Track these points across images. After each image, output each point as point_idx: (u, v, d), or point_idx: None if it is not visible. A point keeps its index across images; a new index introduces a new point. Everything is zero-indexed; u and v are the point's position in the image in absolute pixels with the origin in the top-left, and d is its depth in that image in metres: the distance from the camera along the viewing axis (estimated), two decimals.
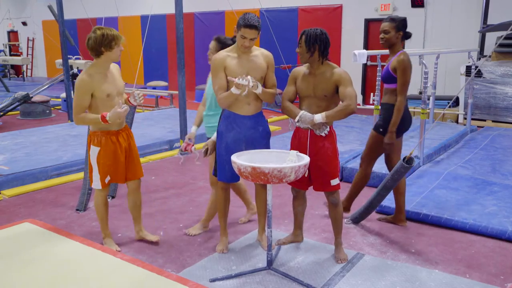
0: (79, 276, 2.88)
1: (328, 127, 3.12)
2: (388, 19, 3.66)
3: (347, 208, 4.06)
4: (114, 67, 3.36)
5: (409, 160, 3.32)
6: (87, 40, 3.16)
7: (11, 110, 9.00)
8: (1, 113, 8.51)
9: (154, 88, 11.93)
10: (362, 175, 3.96)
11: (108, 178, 3.34)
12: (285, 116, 9.04)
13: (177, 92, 9.52)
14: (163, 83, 12.34)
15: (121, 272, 2.93)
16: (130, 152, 3.44)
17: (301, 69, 3.22)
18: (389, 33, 3.62)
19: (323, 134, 3.11)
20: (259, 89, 3.10)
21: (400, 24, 3.63)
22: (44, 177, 5.09)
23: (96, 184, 3.35)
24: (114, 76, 3.31)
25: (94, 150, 3.29)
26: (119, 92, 3.31)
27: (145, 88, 12.10)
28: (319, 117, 3.02)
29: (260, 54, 3.22)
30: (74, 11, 14.27)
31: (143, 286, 2.77)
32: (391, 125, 3.57)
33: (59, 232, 3.53)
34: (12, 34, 19.46)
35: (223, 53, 3.19)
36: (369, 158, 3.89)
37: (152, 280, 2.82)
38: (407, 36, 3.73)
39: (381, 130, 3.69)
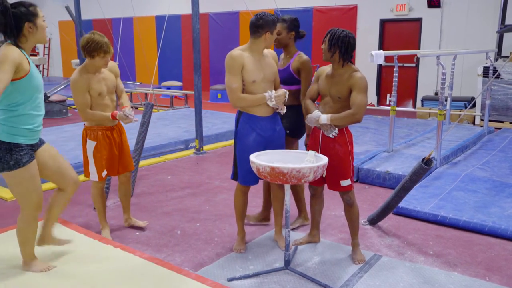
0: (100, 274, 2.91)
1: (337, 129, 3.10)
2: (280, 19, 3.58)
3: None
4: (108, 66, 3.48)
5: (428, 161, 3.29)
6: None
7: None
8: None
9: (168, 88, 12.00)
10: None
11: (105, 172, 3.54)
12: None
13: (191, 92, 9.58)
14: (177, 83, 12.41)
15: (140, 270, 2.95)
16: (122, 147, 3.63)
17: (326, 68, 3.23)
18: (280, 34, 3.54)
19: (331, 136, 3.10)
20: (286, 96, 3.24)
21: (292, 24, 3.56)
22: None
23: (93, 176, 3.55)
24: (105, 76, 3.46)
25: (91, 144, 3.48)
26: (110, 91, 3.49)
27: (160, 88, 12.18)
28: (324, 118, 3.03)
29: (268, 53, 3.27)
30: (90, 12, 14.41)
31: (163, 284, 2.79)
32: (308, 128, 3.52)
33: (78, 230, 3.57)
34: None
35: (238, 51, 3.14)
36: None
37: (171, 278, 2.84)
38: (301, 35, 3.64)
39: (288, 132, 3.60)
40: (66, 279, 2.86)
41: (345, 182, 3.17)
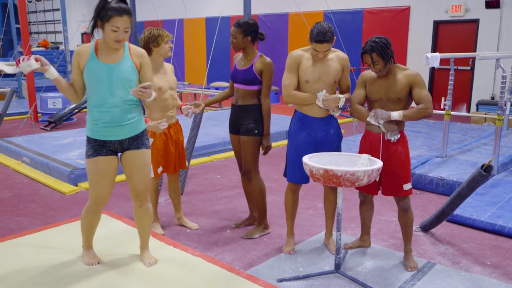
0: (153, 269, 2.99)
1: (399, 133, 3.06)
2: (236, 24, 3.51)
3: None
4: (168, 66, 3.72)
5: (487, 168, 3.17)
6: (140, 40, 3.53)
7: (85, 108, 9.51)
8: (76, 110, 9.02)
9: (217, 88, 12.17)
10: (262, 185, 3.71)
11: (160, 169, 3.64)
12: (350, 119, 8.91)
13: None
14: (225, 84, 12.55)
15: (192, 267, 3.01)
16: (179, 145, 3.74)
17: (370, 72, 3.18)
18: (236, 38, 3.50)
19: (392, 139, 3.05)
20: (342, 103, 3.16)
21: (247, 29, 3.50)
22: None
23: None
24: (166, 72, 3.64)
25: (149, 141, 3.54)
26: (171, 87, 3.63)
27: (208, 88, 12.37)
28: (396, 114, 2.98)
29: (335, 57, 3.22)
30: (142, 14, 14.86)
31: (215, 282, 2.84)
32: (267, 128, 3.55)
33: (131, 225, 3.69)
34: (85, 36, 20.57)
35: (299, 51, 3.26)
36: (256, 164, 3.70)
37: (224, 276, 2.88)
38: (260, 38, 3.58)
39: (256, 132, 3.58)
40: (120, 274, 2.95)
41: (407, 186, 3.11)
